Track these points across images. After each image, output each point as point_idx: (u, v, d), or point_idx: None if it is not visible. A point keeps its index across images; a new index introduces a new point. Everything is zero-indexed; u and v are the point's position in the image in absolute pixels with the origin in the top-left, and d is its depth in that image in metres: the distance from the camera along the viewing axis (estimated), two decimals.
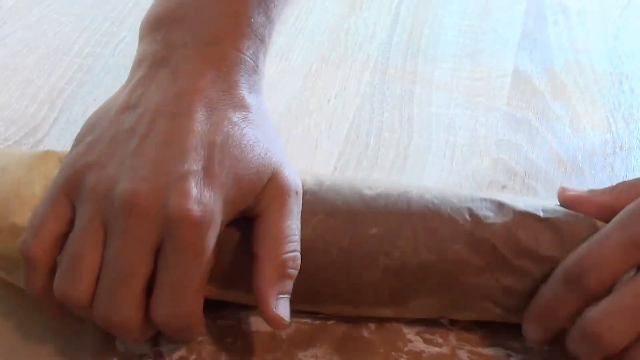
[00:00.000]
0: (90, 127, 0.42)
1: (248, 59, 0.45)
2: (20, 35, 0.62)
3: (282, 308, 0.40)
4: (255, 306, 0.41)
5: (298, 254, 0.41)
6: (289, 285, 0.41)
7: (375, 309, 0.44)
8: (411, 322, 0.45)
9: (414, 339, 0.45)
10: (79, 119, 0.56)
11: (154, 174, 0.39)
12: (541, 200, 0.46)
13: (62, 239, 0.40)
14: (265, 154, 0.42)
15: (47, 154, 0.44)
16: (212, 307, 0.43)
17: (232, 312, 0.45)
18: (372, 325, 0.45)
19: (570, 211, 0.44)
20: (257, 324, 0.44)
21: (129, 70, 0.60)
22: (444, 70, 0.63)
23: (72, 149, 0.42)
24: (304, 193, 0.44)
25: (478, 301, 0.44)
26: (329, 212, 0.43)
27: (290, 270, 0.41)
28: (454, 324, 0.45)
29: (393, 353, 0.44)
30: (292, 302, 0.41)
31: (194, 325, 0.40)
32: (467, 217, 0.44)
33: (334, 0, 0.68)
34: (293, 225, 0.42)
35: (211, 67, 0.43)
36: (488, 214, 0.44)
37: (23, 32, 0.62)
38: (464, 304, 0.44)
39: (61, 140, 0.55)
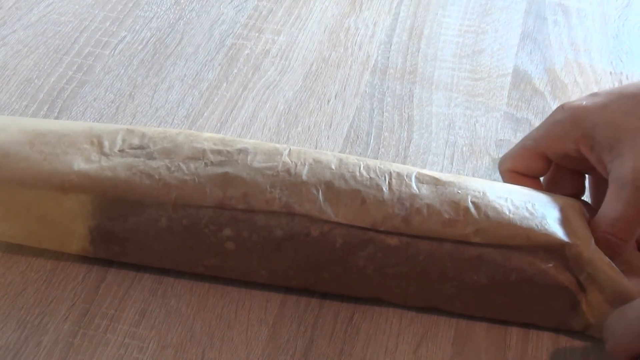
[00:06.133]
0: None
1: None
2: (20, 35, 0.62)
3: None
4: None
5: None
6: None
7: None
8: None
9: None
10: (79, 119, 0.56)
11: None
12: None
13: None
14: None
15: None
16: None
17: None
18: None
19: None
20: None
21: (128, 70, 0.60)
22: (444, 70, 0.63)
23: None
24: None
25: None
26: None
27: None
28: None
29: None
30: None
31: None
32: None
33: (334, 0, 0.68)
34: None
35: None
36: None
37: (23, 32, 0.62)
38: None
39: None
